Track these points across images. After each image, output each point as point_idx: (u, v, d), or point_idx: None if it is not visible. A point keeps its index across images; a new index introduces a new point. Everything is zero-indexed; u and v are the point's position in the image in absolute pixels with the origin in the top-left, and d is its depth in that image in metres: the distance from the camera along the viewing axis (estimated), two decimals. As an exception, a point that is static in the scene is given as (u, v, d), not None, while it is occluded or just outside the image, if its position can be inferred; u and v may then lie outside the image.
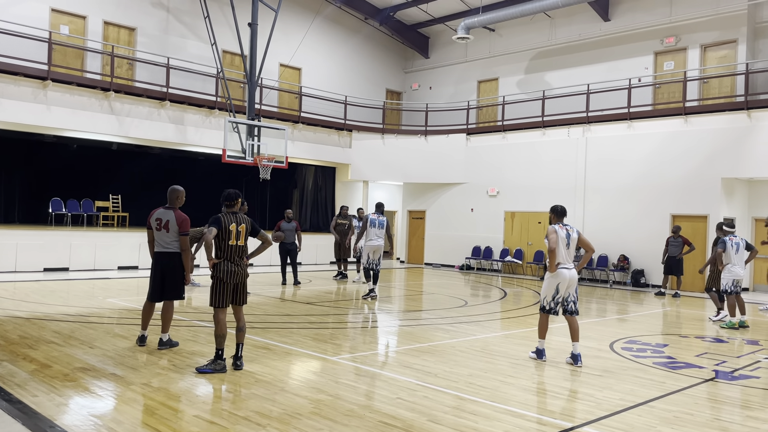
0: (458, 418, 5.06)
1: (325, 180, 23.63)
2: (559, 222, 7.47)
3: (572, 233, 7.40)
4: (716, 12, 17.75)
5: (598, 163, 18.42)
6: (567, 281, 7.28)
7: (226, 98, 17.96)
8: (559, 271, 7.28)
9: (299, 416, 4.97)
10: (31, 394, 5.28)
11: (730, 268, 10.49)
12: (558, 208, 7.49)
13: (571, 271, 7.31)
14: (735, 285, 10.46)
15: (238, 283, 6.43)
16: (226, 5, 18.99)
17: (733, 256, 10.44)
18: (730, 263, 10.48)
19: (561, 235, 7.30)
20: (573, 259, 7.47)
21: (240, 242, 6.37)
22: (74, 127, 15.99)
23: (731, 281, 10.47)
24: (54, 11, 16.86)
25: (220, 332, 6.33)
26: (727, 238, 10.60)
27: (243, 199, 12.75)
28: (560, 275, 7.27)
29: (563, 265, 7.30)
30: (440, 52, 24.77)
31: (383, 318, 10.54)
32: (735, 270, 10.45)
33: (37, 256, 15.37)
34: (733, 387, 6.46)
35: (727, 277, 10.50)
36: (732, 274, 10.46)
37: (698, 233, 16.39)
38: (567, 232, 7.37)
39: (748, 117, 15.89)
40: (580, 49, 20.59)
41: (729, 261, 10.47)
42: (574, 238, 7.40)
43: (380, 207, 12.79)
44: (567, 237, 7.34)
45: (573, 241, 7.39)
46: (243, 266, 6.44)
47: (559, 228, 7.35)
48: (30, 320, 8.82)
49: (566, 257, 7.33)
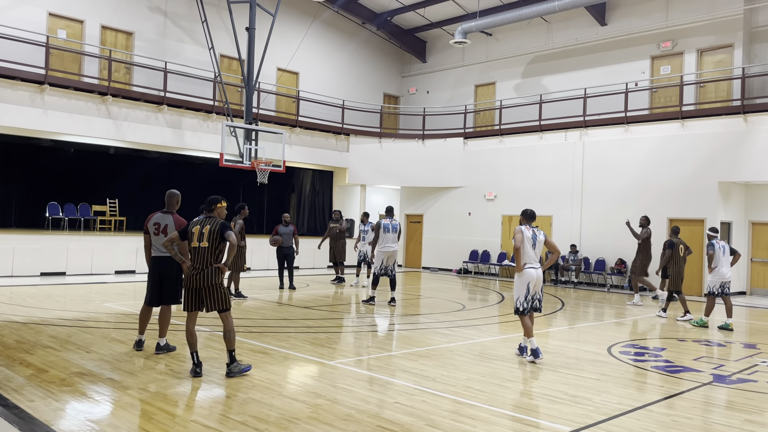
0: (456, 422, 5.05)
1: (323, 184, 23.63)
2: (527, 224, 7.82)
3: (539, 235, 7.76)
4: (712, 16, 17.82)
5: (595, 167, 18.45)
6: (535, 280, 7.62)
7: (224, 102, 17.96)
8: (527, 270, 7.61)
9: (297, 421, 4.96)
10: (27, 399, 5.26)
11: (717, 270, 10.76)
12: (527, 212, 7.88)
13: (538, 270, 7.67)
14: (722, 287, 10.79)
15: (194, 289, 6.19)
16: (223, 9, 19.02)
17: (721, 259, 10.74)
18: (718, 265, 10.75)
19: (527, 236, 7.65)
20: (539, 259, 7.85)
21: (203, 244, 6.19)
22: (71, 132, 15.97)
23: (719, 283, 10.79)
24: (51, 15, 16.86)
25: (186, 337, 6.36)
26: (714, 241, 10.90)
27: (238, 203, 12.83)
28: (528, 275, 7.61)
29: (530, 264, 7.63)
30: (437, 57, 24.82)
31: (381, 322, 10.53)
32: (723, 271, 10.76)
33: (34, 260, 15.33)
34: (731, 391, 6.46)
35: (716, 279, 10.80)
36: (720, 276, 10.76)
37: (695, 237, 16.41)
38: (533, 233, 7.72)
39: (745, 121, 15.94)
40: (577, 53, 20.65)
41: (717, 263, 10.75)
42: (541, 240, 7.75)
43: (391, 211, 12.68)
44: (533, 238, 7.68)
45: (539, 242, 7.74)
46: (203, 271, 6.15)
47: (525, 229, 7.71)
48: (27, 325, 8.79)
49: (533, 257, 7.66)
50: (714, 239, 11.00)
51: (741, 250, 17.26)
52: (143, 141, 17.20)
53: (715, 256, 10.74)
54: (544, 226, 19.50)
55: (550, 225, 19.38)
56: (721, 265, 10.77)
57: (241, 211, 12.58)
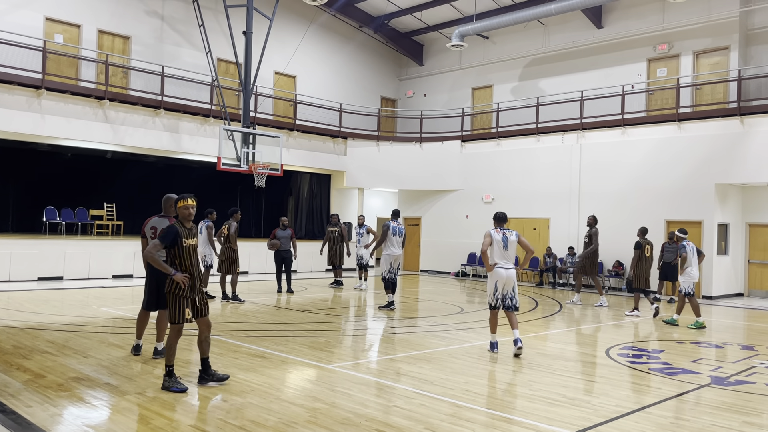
0: (455, 425, 5.05)
1: (321, 187, 23.63)
2: (498, 226, 8.18)
3: (510, 236, 8.12)
4: (708, 19, 17.88)
5: (592, 169, 18.48)
6: (504, 280, 8.02)
7: (221, 106, 17.97)
8: (496, 270, 8.02)
9: (295, 425, 4.95)
10: (25, 405, 5.24)
11: (689, 272, 11.16)
12: (498, 214, 8.27)
13: (508, 270, 8.04)
14: (694, 287, 11.21)
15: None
16: (220, 14, 19.03)
17: (692, 259, 11.16)
18: (690, 266, 11.15)
19: (496, 238, 8.04)
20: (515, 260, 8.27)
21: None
22: (69, 136, 15.96)
23: (692, 283, 11.17)
24: (48, 20, 16.86)
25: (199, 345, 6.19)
26: (685, 243, 11.28)
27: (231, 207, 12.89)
28: (497, 274, 8.02)
29: (500, 265, 8.02)
30: (434, 60, 24.86)
31: (379, 325, 10.52)
32: (694, 272, 11.18)
33: (31, 265, 15.29)
34: (728, 392, 6.47)
35: (688, 279, 11.17)
36: (692, 276, 11.16)
37: (693, 239, 16.39)
38: (504, 235, 8.08)
39: (741, 123, 15.98)
40: (574, 56, 20.70)
41: (689, 264, 11.15)
42: (513, 241, 8.12)
43: (397, 214, 12.50)
44: (504, 240, 8.06)
45: (511, 243, 8.11)
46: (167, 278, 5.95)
47: (495, 232, 8.09)
48: (24, 330, 8.77)
49: (503, 258, 8.03)
50: (684, 241, 11.35)
51: (738, 251, 17.32)
52: (140, 145, 17.19)
53: (687, 258, 11.11)
54: (541, 228, 19.53)
55: (548, 227, 19.40)
56: (692, 267, 11.18)
57: (234, 215, 12.73)
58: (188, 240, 5.88)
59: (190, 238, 5.91)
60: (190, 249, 5.90)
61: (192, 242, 5.93)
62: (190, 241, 5.91)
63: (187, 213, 5.87)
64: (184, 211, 5.86)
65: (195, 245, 5.99)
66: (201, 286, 6.00)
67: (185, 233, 5.87)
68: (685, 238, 11.46)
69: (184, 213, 5.87)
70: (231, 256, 12.66)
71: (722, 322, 12.51)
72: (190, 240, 5.91)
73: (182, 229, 5.86)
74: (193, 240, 5.96)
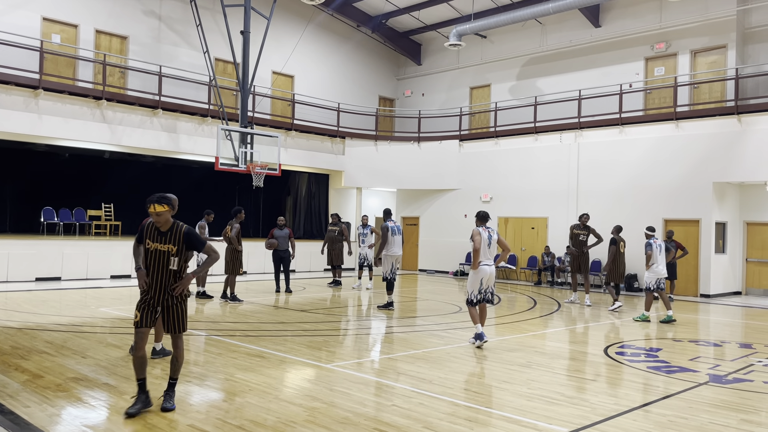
0: (453, 424, 5.05)
1: (319, 187, 23.63)
2: (483, 225, 8.58)
3: (493, 235, 8.59)
4: (705, 18, 17.90)
5: (590, 168, 18.50)
6: (488, 276, 8.46)
7: (219, 106, 17.95)
8: (482, 267, 8.43)
9: (294, 424, 4.95)
10: (23, 405, 5.24)
11: (654, 268, 11.52)
12: (481, 214, 8.66)
13: (491, 267, 8.50)
14: (658, 282, 11.51)
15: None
16: (218, 13, 19.01)
17: (658, 257, 11.51)
18: (656, 263, 11.51)
19: (483, 237, 8.44)
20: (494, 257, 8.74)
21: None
22: (66, 136, 15.93)
23: (655, 279, 11.51)
24: (45, 20, 16.82)
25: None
26: (651, 240, 11.63)
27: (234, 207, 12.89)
28: (482, 271, 8.43)
29: (484, 262, 8.45)
30: (432, 59, 24.86)
31: (377, 325, 10.52)
32: (660, 269, 11.52)
33: (29, 265, 15.27)
34: (727, 390, 6.48)
35: (652, 276, 11.54)
36: (656, 273, 11.52)
37: (691, 237, 16.46)
38: (489, 233, 8.53)
39: (739, 122, 16.00)
40: (572, 55, 20.71)
41: (655, 261, 11.50)
42: (495, 239, 8.60)
43: (389, 213, 12.46)
44: (489, 238, 8.52)
45: (493, 241, 8.59)
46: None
47: (482, 230, 8.48)
48: (22, 330, 8.76)
49: (486, 256, 8.46)
50: (651, 239, 11.66)
51: (736, 250, 17.35)
52: (138, 145, 17.17)
53: (653, 255, 11.49)
54: (540, 227, 19.55)
55: (546, 226, 19.41)
56: (657, 263, 11.51)
57: (238, 215, 12.68)
58: (154, 243, 5.23)
59: (159, 242, 5.23)
60: (156, 254, 5.22)
61: (160, 247, 5.21)
62: (158, 245, 5.22)
63: (155, 219, 5.21)
64: (153, 216, 5.21)
65: (164, 252, 5.22)
66: (171, 298, 5.26)
67: (153, 235, 5.26)
68: (653, 235, 11.75)
69: (153, 218, 5.25)
70: (235, 257, 12.67)
71: (720, 320, 12.53)
72: (158, 244, 5.22)
73: (151, 230, 5.28)
74: (164, 246, 5.22)
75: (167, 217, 5.21)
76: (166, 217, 5.20)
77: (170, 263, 5.22)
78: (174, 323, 5.28)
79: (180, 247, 5.24)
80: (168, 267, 5.23)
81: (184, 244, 5.25)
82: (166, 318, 5.27)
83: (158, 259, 5.23)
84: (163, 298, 5.26)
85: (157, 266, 5.23)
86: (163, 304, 5.27)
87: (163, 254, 5.22)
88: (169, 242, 5.23)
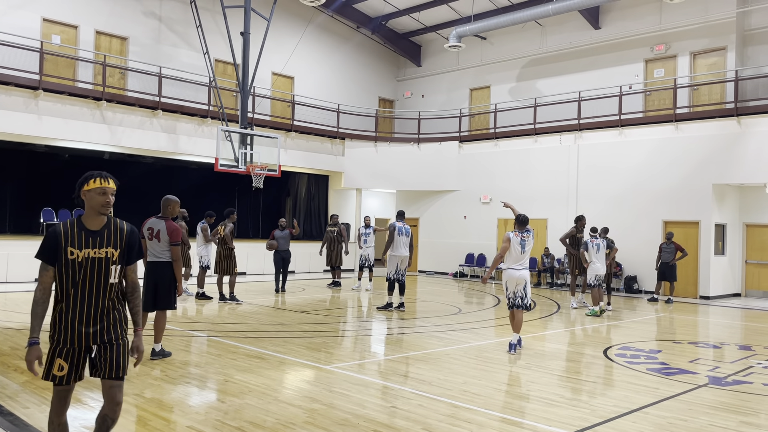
0: (453, 426, 5.05)
1: (318, 188, 23.63)
2: (519, 230, 8.53)
3: (528, 240, 8.50)
4: (705, 20, 17.91)
5: (590, 170, 18.50)
6: (515, 279, 8.42)
7: (219, 107, 17.95)
8: (508, 271, 8.47)
9: (293, 426, 4.94)
10: (22, 406, 5.23)
11: (592, 266, 12.49)
12: (520, 218, 8.60)
13: (520, 271, 8.42)
14: (597, 279, 12.46)
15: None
16: (218, 14, 19.01)
17: (594, 255, 12.46)
18: (592, 261, 12.47)
19: (515, 242, 8.39)
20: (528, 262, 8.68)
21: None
22: (66, 137, 15.93)
23: (594, 276, 12.48)
24: (46, 21, 16.83)
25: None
26: (589, 240, 12.63)
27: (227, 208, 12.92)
28: (508, 275, 8.48)
29: (513, 266, 8.43)
30: (432, 60, 24.87)
31: (377, 326, 10.52)
32: (597, 266, 12.48)
33: (29, 266, 15.22)
34: (726, 392, 6.48)
35: (591, 273, 12.52)
36: (594, 270, 12.48)
37: (690, 239, 16.46)
38: (522, 239, 8.44)
39: (738, 123, 16.01)
40: (571, 56, 20.72)
41: (590, 259, 12.49)
42: (530, 245, 8.52)
43: (402, 215, 12.39)
44: (522, 243, 8.43)
45: (528, 247, 8.51)
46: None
47: (514, 235, 8.44)
48: (21, 331, 8.75)
49: (517, 261, 8.41)
50: (591, 239, 12.65)
51: (735, 252, 17.35)
52: (138, 146, 17.17)
53: (587, 254, 12.53)
54: (539, 229, 19.54)
55: (546, 228, 19.42)
56: (594, 261, 12.47)
57: (230, 216, 12.78)
58: (84, 250, 3.50)
59: (91, 246, 3.52)
60: (86, 265, 3.50)
61: (93, 254, 3.52)
62: (89, 251, 3.51)
63: (105, 201, 3.57)
64: (96, 197, 3.55)
65: (105, 260, 3.54)
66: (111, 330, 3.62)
67: (78, 237, 3.50)
68: (595, 236, 12.73)
69: (96, 200, 3.55)
70: (228, 257, 12.68)
71: (720, 322, 12.54)
72: (90, 250, 3.52)
73: (75, 230, 3.52)
74: (101, 251, 3.54)
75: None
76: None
77: (109, 275, 3.57)
78: (116, 363, 3.65)
79: (123, 250, 3.62)
80: (107, 280, 3.57)
81: (126, 246, 3.63)
82: (103, 357, 3.61)
83: (91, 272, 3.52)
84: (100, 330, 3.57)
85: (88, 283, 3.53)
86: (99, 338, 3.57)
87: (99, 263, 3.54)
88: (106, 246, 3.56)
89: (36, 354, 3.53)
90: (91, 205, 3.57)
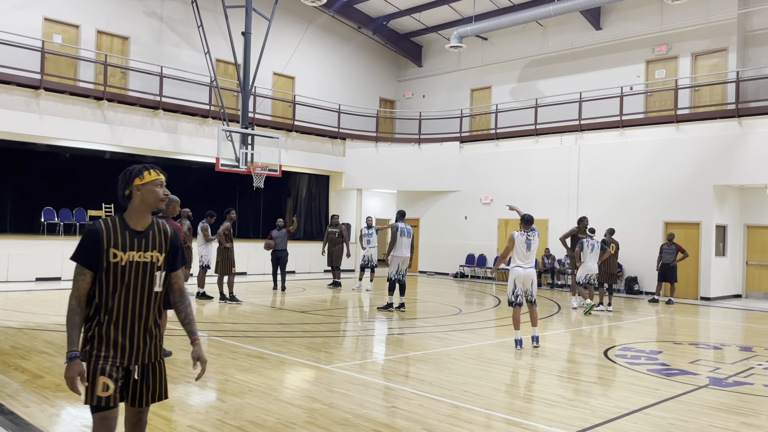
0: (453, 426, 5.05)
1: (319, 188, 23.63)
2: (524, 229, 8.67)
3: (534, 239, 8.64)
4: (706, 21, 17.91)
5: (590, 170, 18.49)
6: (522, 278, 8.60)
7: (220, 107, 17.96)
8: (515, 269, 8.62)
9: (293, 425, 4.94)
10: (23, 405, 5.24)
11: (585, 265, 12.71)
12: (525, 217, 8.78)
13: (527, 269, 8.61)
14: (587, 278, 12.73)
15: None
16: (219, 14, 19.01)
17: (589, 255, 12.69)
18: (586, 261, 12.69)
19: (519, 241, 8.56)
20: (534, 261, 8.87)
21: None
22: (67, 136, 15.94)
23: (585, 275, 12.73)
24: (47, 20, 16.84)
25: None
26: (584, 240, 12.82)
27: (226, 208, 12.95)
28: (515, 272, 8.64)
29: (519, 264, 8.59)
30: (433, 61, 24.87)
31: (377, 326, 10.52)
32: (590, 266, 12.69)
33: (29, 265, 15.27)
34: (727, 393, 6.47)
35: (583, 272, 12.74)
36: (587, 269, 12.72)
37: (691, 240, 16.46)
38: (528, 237, 8.61)
39: (739, 124, 16.00)
40: (572, 57, 20.72)
41: (585, 259, 12.70)
42: (535, 243, 8.67)
43: (403, 215, 12.32)
44: (528, 242, 8.60)
45: (534, 246, 8.66)
46: None
47: (518, 235, 8.61)
48: (22, 330, 8.76)
49: (523, 258, 8.60)
50: (587, 238, 12.85)
51: (736, 253, 17.34)
52: (139, 146, 17.18)
53: (582, 253, 12.73)
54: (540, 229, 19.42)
55: (546, 229, 19.40)
56: (588, 261, 12.68)
57: (229, 215, 12.80)
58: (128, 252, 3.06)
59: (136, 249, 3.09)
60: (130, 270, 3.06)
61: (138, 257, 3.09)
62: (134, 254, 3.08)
63: (161, 199, 3.22)
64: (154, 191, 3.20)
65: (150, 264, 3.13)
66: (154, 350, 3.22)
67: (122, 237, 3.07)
68: (591, 236, 12.99)
69: (154, 194, 3.19)
70: (226, 256, 12.66)
71: (720, 323, 12.53)
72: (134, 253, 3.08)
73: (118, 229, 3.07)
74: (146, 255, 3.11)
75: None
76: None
77: (154, 282, 3.15)
78: (158, 386, 3.24)
79: (168, 254, 3.22)
80: (151, 288, 3.15)
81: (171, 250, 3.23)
82: (146, 380, 3.17)
83: (135, 278, 3.08)
84: (144, 348, 3.14)
85: (133, 290, 3.09)
86: (143, 358, 3.14)
87: (144, 269, 3.11)
88: (152, 248, 3.15)
89: (78, 369, 2.99)
90: (145, 201, 3.14)
